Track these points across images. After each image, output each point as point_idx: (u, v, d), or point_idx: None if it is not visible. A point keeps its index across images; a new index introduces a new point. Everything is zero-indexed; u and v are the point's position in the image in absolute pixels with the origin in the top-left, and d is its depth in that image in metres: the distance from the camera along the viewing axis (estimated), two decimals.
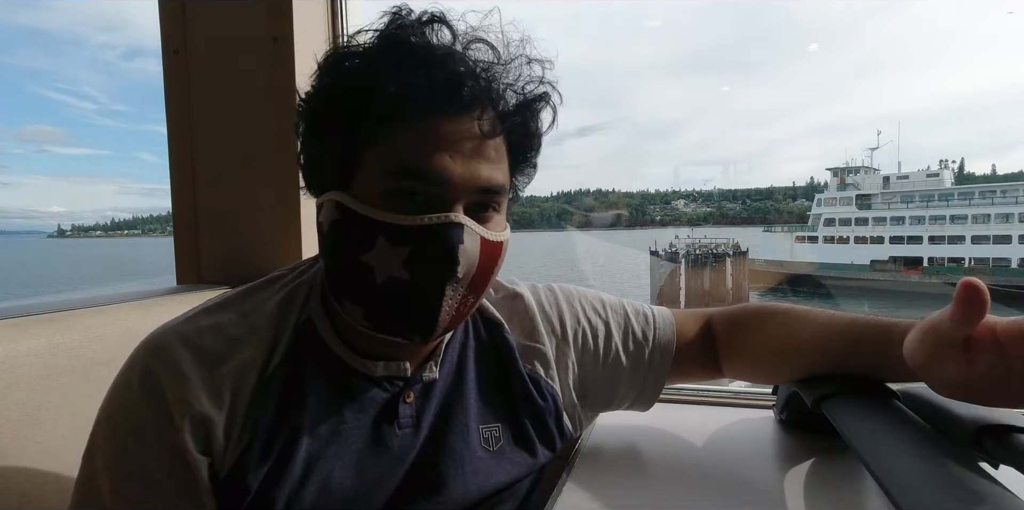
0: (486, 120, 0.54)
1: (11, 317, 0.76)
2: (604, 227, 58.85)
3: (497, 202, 0.58)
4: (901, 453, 0.50)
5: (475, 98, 0.54)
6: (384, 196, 0.54)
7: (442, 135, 0.53)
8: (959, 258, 25.37)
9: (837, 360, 0.66)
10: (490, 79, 0.55)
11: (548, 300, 0.76)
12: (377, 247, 0.54)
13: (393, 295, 0.55)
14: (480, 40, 0.56)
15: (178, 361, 0.55)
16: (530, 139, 0.61)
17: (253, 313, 0.61)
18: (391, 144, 0.54)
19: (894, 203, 30.16)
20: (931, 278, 24.43)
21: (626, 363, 0.75)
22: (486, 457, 0.65)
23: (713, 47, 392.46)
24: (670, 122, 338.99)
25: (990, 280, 22.42)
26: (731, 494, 0.66)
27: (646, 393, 0.77)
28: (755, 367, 0.76)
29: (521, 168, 0.63)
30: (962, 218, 26.29)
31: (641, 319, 0.78)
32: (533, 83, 0.58)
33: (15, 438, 0.68)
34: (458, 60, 0.54)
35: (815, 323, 0.68)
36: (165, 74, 1.17)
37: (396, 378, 0.63)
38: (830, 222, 30.29)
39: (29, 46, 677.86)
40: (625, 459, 0.76)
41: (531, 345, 0.72)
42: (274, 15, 1.10)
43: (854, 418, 0.60)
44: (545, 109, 0.60)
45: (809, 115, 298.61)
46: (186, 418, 0.54)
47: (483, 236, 0.56)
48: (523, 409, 0.69)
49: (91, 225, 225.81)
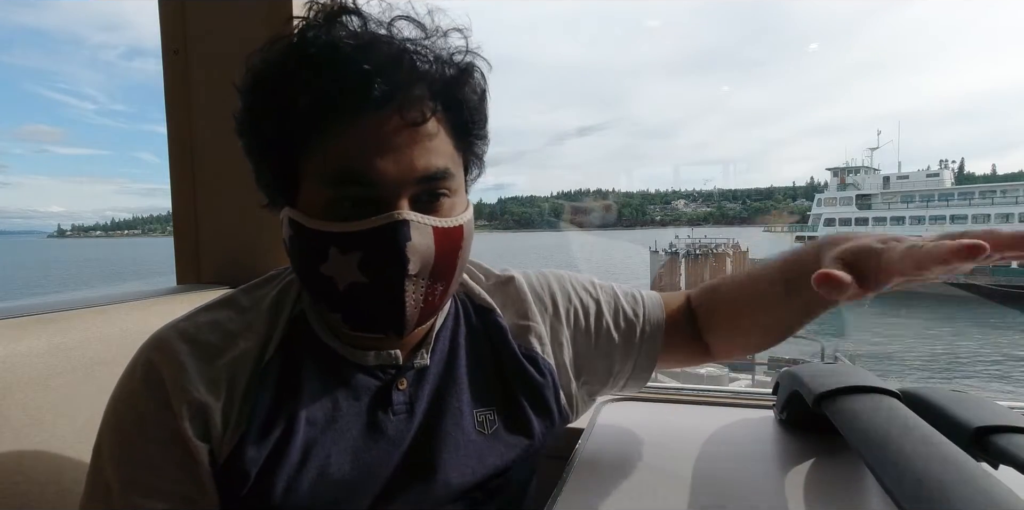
0: (411, 108, 0.53)
1: (11, 317, 0.76)
2: (604, 227, 58.84)
3: (446, 187, 0.57)
4: (901, 453, 0.50)
5: (390, 91, 0.52)
6: (327, 205, 0.55)
7: (367, 135, 0.53)
8: None
9: (782, 300, 0.68)
10: (407, 64, 0.53)
11: (539, 282, 0.78)
12: (331, 257, 0.55)
13: (358, 299, 0.57)
14: (403, 18, 0.56)
15: (177, 353, 0.57)
16: (469, 112, 0.59)
17: (250, 310, 0.63)
18: (321, 153, 0.54)
19: (894, 203, 30.18)
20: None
21: (618, 340, 0.76)
22: (480, 440, 0.66)
23: (713, 47, 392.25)
24: (670, 122, 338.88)
25: (990, 280, 22.50)
26: (731, 494, 0.66)
27: (639, 370, 0.78)
28: (729, 328, 0.77)
29: (469, 142, 0.61)
30: (962, 218, 26.29)
31: (630, 299, 0.79)
32: (459, 54, 0.57)
33: (16, 438, 0.67)
34: (364, 55, 0.52)
35: (759, 273, 0.72)
36: (165, 74, 1.17)
37: (388, 366, 0.64)
38: (830, 222, 30.31)
39: (28, 45, 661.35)
40: (625, 459, 0.76)
41: (525, 324, 0.73)
42: (274, 15, 1.10)
43: (854, 417, 0.60)
44: (475, 78, 0.59)
45: (809, 115, 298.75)
46: (184, 405, 0.56)
47: (435, 225, 0.56)
48: (519, 390, 0.70)
49: (91, 225, 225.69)
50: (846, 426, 0.59)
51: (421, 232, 0.55)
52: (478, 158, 0.65)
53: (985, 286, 21.62)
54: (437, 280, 0.58)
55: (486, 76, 0.60)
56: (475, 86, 0.59)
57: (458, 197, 0.60)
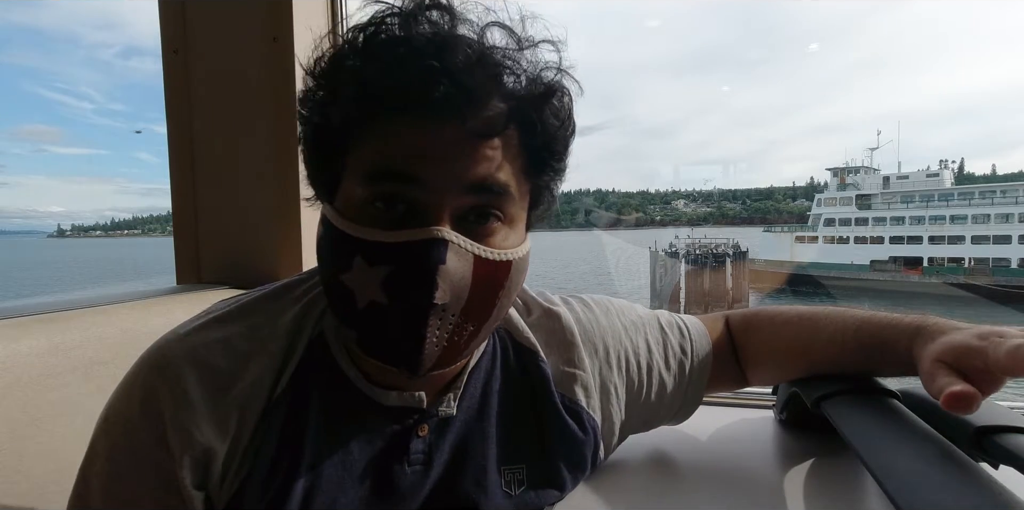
0: (477, 119, 0.47)
1: (11, 317, 0.76)
2: (604, 227, 58.84)
3: (499, 208, 0.50)
4: (900, 453, 0.50)
5: (457, 96, 0.46)
6: (362, 205, 0.49)
7: (419, 138, 0.47)
8: (959, 258, 25.35)
9: (849, 360, 0.67)
10: (484, 70, 0.47)
11: (587, 319, 0.70)
12: (355, 267, 0.49)
13: (375, 322, 0.50)
14: (496, 24, 0.50)
15: (184, 385, 0.51)
16: (546, 136, 0.52)
17: (265, 326, 0.56)
18: (367, 148, 0.49)
19: (894, 203, 30.15)
20: (931, 278, 24.42)
21: (669, 381, 0.71)
22: (505, 504, 0.59)
23: (713, 47, 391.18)
24: (670, 121, 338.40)
25: (990, 280, 22.47)
26: (731, 494, 0.66)
27: (685, 408, 0.75)
28: (773, 367, 0.75)
29: (540, 171, 0.54)
30: (962, 218, 26.27)
31: (676, 332, 0.74)
32: (548, 71, 0.51)
33: (15, 438, 0.67)
34: (436, 53, 0.46)
35: (827, 326, 0.68)
36: (165, 74, 1.17)
37: (410, 409, 0.57)
38: (830, 222, 30.27)
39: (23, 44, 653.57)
40: (625, 459, 0.75)
41: (571, 372, 0.65)
42: (274, 15, 1.10)
43: (854, 418, 0.60)
44: (560, 99, 0.52)
45: (809, 115, 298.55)
46: (184, 454, 0.51)
47: (477, 254, 0.49)
48: (556, 445, 0.63)
49: (91, 225, 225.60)
50: (845, 426, 0.59)
51: (460, 257, 0.48)
52: (549, 192, 0.57)
53: (985, 286, 21.62)
54: (469, 319, 0.51)
55: (573, 99, 0.53)
56: (559, 109, 0.52)
57: (514, 229, 0.53)
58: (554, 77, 0.51)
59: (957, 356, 0.51)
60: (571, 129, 0.54)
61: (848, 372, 0.68)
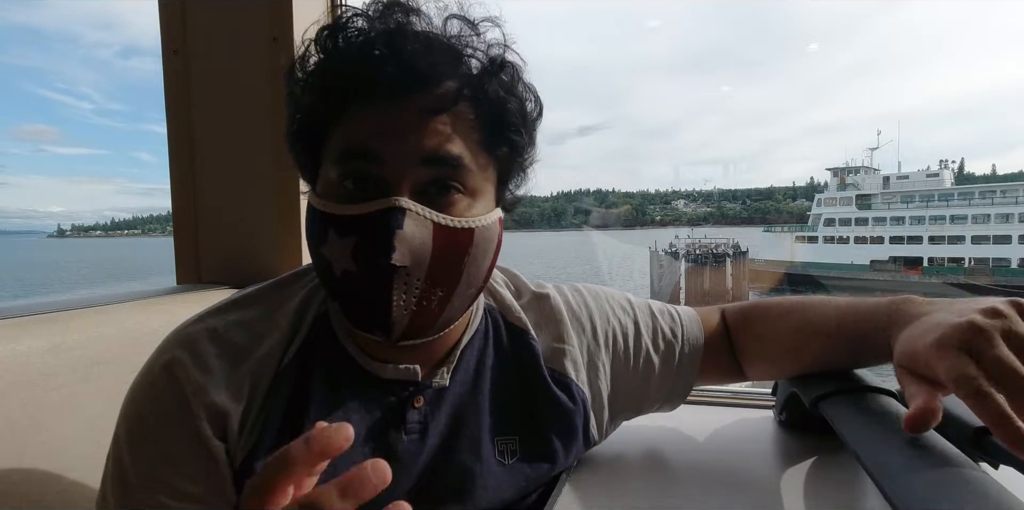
0: (429, 96, 0.53)
1: (11, 317, 0.76)
2: (604, 227, 58.84)
3: (457, 180, 0.55)
4: (899, 453, 0.50)
5: (409, 78, 0.52)
6: (334, 186, 0.55)
7: (380, 118, 0.53)
8: (959, 258, 25.39)
9: (840, 355, 0.67)
10: (431, 53, 0.52)
11: (576, 300, 0.74)
12: (329, 239, 0.54)
13: (349, 289, 0.55)
14: (455, 16, 0.55)
15: (205, 357, 0.57)
16: (498, 107, 0.56)
17: (278, 309, 0.62)
18: (338, 134, 0.55)
19: (894, 203, 30.18)
20: (931, 278, 24.45)
21: (657, 363, 0.74)
22: (498, 471, 0.63)
23: (713, 47, 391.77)
24: (670, 121, 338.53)
25: (990, 280, 22.47)
26: (730, 494, 0.66)
27: (675, 393, 0.76)
28: (768, 360, 0.75)
29: (500, 142, 0.57)
30: (962, 218, 26.30)
31: (667, 318, 0.76)
32: (495, 47, 0.56)
33: (15, 438, 0.67)
34: (386, 42, 0.52)
35: (815, 319, 0.69)
36: (165, 74, 1.17)
37: (406, 382, 0.62)
38: (830, 222, 30.31)
39: (22, 44, 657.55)
40: (624, 459, 0.76)
41: (560, 347, 0.70)
42: (274, 15, 1.10)
43: (852, 418, 0.60)
44: (509, 72, 0.57)
45: (809, 115, 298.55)
46: (202, 407, 0.55)
47: (436, 221, 0.53)
48: (547, 417, 0.67)
49: (91, 225, 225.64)
50: (843, 427, 0.59)
51: (418, 223, 0.52)
52: (517, 164, 0.61)
53: (985, 286, 21.63)
54: (436, 284, 0.55)
55: (521, 71, 0.58)
56: (508, 83, 0.57)
57: (478, 199, 0.57)
58: (496, 51, 0.56)
59: (910, 363, 0.52)
60: (525, 101, 0.58)
61: (841, 366, 0.68)
